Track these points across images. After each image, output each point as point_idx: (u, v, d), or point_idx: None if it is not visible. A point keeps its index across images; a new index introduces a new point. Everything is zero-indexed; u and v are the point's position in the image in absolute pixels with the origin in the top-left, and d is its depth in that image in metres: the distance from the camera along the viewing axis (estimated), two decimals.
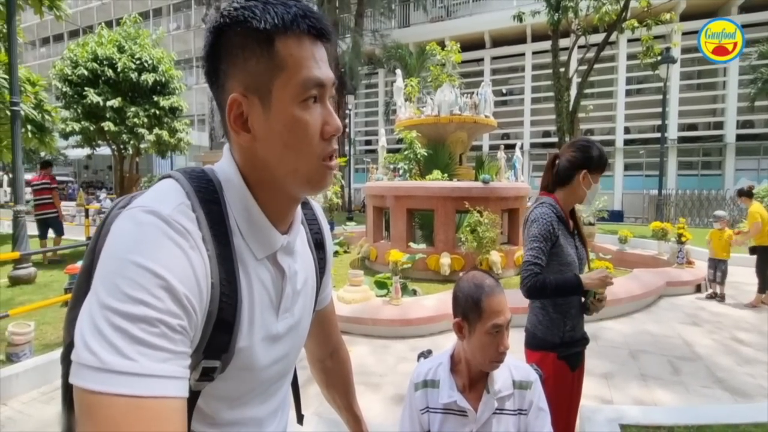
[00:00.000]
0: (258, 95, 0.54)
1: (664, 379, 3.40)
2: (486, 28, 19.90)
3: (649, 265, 7.03)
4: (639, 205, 17.06)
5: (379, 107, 22.78)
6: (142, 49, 9.81)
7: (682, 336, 4.38)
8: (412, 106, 8.36)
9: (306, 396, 0.82)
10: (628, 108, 18.04)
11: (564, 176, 1.65)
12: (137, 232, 0.48)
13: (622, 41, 16.64)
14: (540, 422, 1.14)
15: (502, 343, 1.08)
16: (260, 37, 0.52)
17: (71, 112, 9.62)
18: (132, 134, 9.80)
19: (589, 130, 18.76)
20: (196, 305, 0.49)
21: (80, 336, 0.43)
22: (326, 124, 0.57)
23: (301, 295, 0.69)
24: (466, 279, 1.15)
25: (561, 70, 12.83)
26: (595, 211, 9.37)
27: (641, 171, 18.20)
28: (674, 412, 2.67)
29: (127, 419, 0.41)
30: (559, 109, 12.73)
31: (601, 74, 17.78)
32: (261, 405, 0.67)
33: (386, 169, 8.00)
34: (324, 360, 0.95)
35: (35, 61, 31.54)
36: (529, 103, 19.89)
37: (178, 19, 29.05)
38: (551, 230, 1.57)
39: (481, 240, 5.75)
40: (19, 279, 5.65)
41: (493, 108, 8.06)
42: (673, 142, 17.01)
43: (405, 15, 23.01)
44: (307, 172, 0.57)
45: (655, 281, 5.78)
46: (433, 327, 4.30)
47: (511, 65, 20.70)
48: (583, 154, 1.62)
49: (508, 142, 12.70)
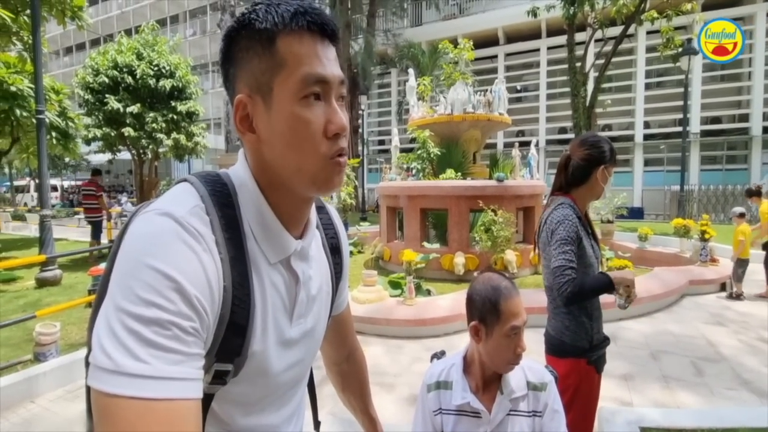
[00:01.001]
0: (261, 95, 0.55)
1: (687, 381, 3.30)
2: (499, 24, 19.65)
3: (671, 264, 6.84)
4: (660, 202, 16.60)
5: (392, 107, 22.76)
6: (160, 55, 10.05)
7: (705, 336, 4.24)
8: (425, 106, 8.31)
9: (321, 396, 0.83)
10: (647, 102, 17.55)
11: (580, 175, 1.63)
12: (151, 234, 0.49)
13: (640, 33, 16.21)
14: (555, 424, 1.12)
15: (520, 344, 1.07)
16: (262, 37, 0.53)
17: (93, 118, 9.92)
18: (151, 139, 10.05)
19: (606, 125, 18.34)
20: (207, 307, 0.49)
21: (96, 338, 0.44)
22: (329, 122, 0.55)
23: (316, 301, 0.68)
24: (482, 281, 1.13)
25: (577, 64, 12.57)
26: (614, 208, 9.15)
27: (662, 166, 17.68)
28: (697, 415, 2.60)
29: (142, 422, 0.41)
30: (576, 104, 12.48)
31: (618, 68, 17.37)
32: (276, 412, 0.67)
33: (399, 169, 7.99)
34: (340, 363, 0.95)
35: (59, 70, 32.62)
36: (544, 100, 19.57)
37: (195, 25, 29.63)
38: (577, 231, 1.54)
39: (495, 239, 5.69)
40: (45, 281, 5.86)
41: (508, 105, 7.96)
42: (696, 136, 16.47)
43: (417, 14, 22.91)
44: (311, 172, 0.56)
45: (677, 280, 5.62)
46: (447, 327, 4.28)
47: (525, 61, 20.40)
48: (597, 150, 1.61)
49: (523, 140, 12.52)
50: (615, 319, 4.61)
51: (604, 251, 7.30)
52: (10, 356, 3.41)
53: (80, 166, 25.42)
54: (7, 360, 3.32)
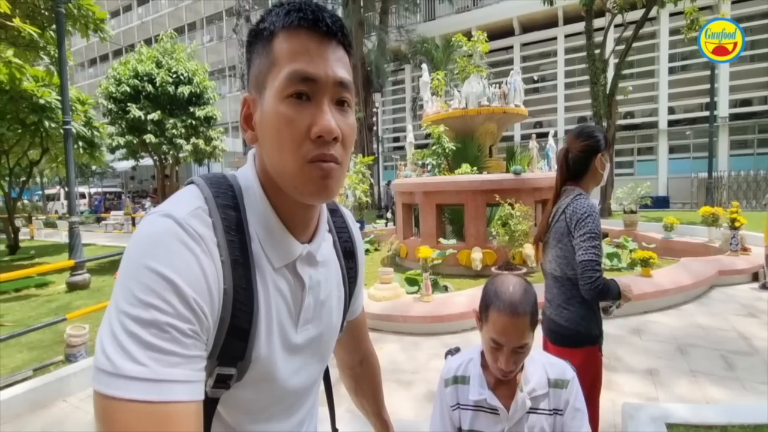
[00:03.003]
0: (258, 92, 0.55)
1: (717, 375, 3.17)
2: (515, 14, 19.30)
3: (699, 254, 6.57)
4: (686, 190, 16.00)
5: (406, 103, 22.68)
6: (178, 62, 10.32)
7: (736, 329, 4.06)
8: (440, 100, 8.24)
9: (339, 394, 0.82)
10: (671, 87, 16.93)
11: (581, 167, 1.69)
12: (151, 235, 0.49)
13: (663, 16, 15.63)
14: (577, 423, 1.08)
15: (500, 360, 1.02)
16: (264, 37, 0.54)
17: (116, 127, 10.28)
18: (171, 145, 10.35)
19: (628, 112, 17.79)
20: (206, 310, 0.49)
21: (99, 340, 0.45)
22: (313, 123, 0.52)
23: (325, 307, 0.66)
24: (497, 281, 1.08)
25: (596, 51, 12.22)
26: (637, 198, 8.86)
27: (688, 153, 17.04)
28: (728, 411, 2.48)
29: (139, 424, 0.41)
30: (595, 92, 12.14)
31: (640, 53, 16.81)
32: (286, 420, 0.65)
33: (414, 166, 7.96)
34: (354, 367, 0.95)
35: (84, 81, 33.89)
36: (562, 89, 19.12)
37: (211, 32, 30.26)
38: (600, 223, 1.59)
39: (513, 233, 5.59)
40: (75, 285, 6.12)
41: (524, 96, 7.80)
42: (724, 120, 15.78)
43: (430, 8, 22.72)
44: (290, 174, 0.54)
45: (705, 270, 5.40)
46: (464, 323, 4.24)
47: (542, 51, 19.97)
48: (593, 140, 1.67)
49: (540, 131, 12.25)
50: (640, 312, 4.47)
51: (627, 242, 7.09)
52: (43, 357, 3.58)
53: (106, 173, 26.39)
54: (40, 361, 3.48)
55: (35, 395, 2.89)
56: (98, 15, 7.70)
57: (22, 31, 6.10)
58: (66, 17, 6.69)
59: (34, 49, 7.49)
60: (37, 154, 9.51)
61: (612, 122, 12.21)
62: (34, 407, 2.86)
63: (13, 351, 3.75)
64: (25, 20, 6.33)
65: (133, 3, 33.59)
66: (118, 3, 33.19)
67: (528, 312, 1.00)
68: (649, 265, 5.11)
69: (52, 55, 7.76)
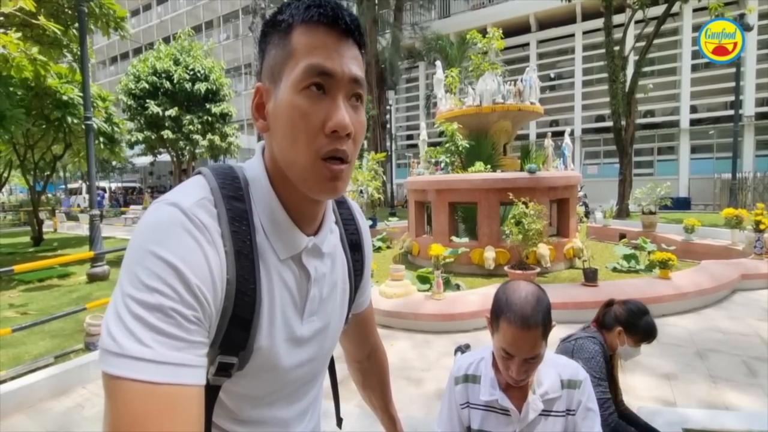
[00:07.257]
0: (273, 82, 0.56)
1: (737, 381, 3.07)
2: (531, 11, 19.01)
3: (721, 257, 6.38)
4: (709, 191, 15.54)
5: (419, 101, 22.58)
6: (195, 60, 10.48)
7: (759, 334, 3.94)
8: (453, 98, 8.17)
9: (348, 389, 0.82)
10: (694, 84, 16.45)
11: (607, 324, 1.72)
12: (157, 223, 0.50)
13: (686, 11, 15.18)
14: (589, 422, 1.08)
15: (512, 369, 1.00)
16: (281, 29, 0.55)
17: (135, 123, 10.51)
18: (188, 141, 10.53)
19: (648, 111, 17.37)
20: (209, 297, 0.50)
21: (105, 322, 0.46)
22: (328, 117, 0.53)
23: (330, 299, 0.67)
24: (509, 289, 1.04)
25: (615, 48, 11.92)
26: (657, 198, 8.64)
27: (711, 153, 16.55)
28: (748, 417, 2.41)
29: (143, 403, 0.42)
30: (614, 90, 11.86)
31: (661, 50, 16.37)
32: (288, 406, 0.66)
33: (427, 163, 7.92)
34: (361, 361, 0.95)
35: (105, 78, 34.68)
36: (579, 87, 18.77)
37: (228, 30, 30.65)
38: (604, 369, 1.62)
39: (526, 232, 5.52)
40: (95, 276, 6.28)
41: (540, 94, 7.68)
42: (750, 119, 15.25)
43: (445, 5, 22.55)
44: (302, 168, 0.54)
45: (727, 273, 5.24)
46: (476, 322, 4.21)
47: (559, 48, 19.63)
48: (628, 316, 1.69)
49: (556, 129, 12.05)
50: (659, 315, 4.36)
51: (645, 244, 6.93)
52: (64, 345, 3.69)
53: (126, 168, 26.98)
54: (62, 349, 3.59)
55: (56, 381, 2.98)
56: (119, 13, 7.87)
57: (46, 29, 6.27)
58: (88, 16, 6.86)
59: (58, 47, 7.70)
60: (61, 149, 9.79)
61: (631, 121, 11.92)
62: (55, 393, 2.95)
63: (37, 338, 3.88)
64: (49, 18, 6.51)
65: (152, 2, 34.23)
66: (138, 2, 33.87)
67: (540, 324, 0.97)
68: (668, 267, 4.98)
69: (74, 52, 7.97)
